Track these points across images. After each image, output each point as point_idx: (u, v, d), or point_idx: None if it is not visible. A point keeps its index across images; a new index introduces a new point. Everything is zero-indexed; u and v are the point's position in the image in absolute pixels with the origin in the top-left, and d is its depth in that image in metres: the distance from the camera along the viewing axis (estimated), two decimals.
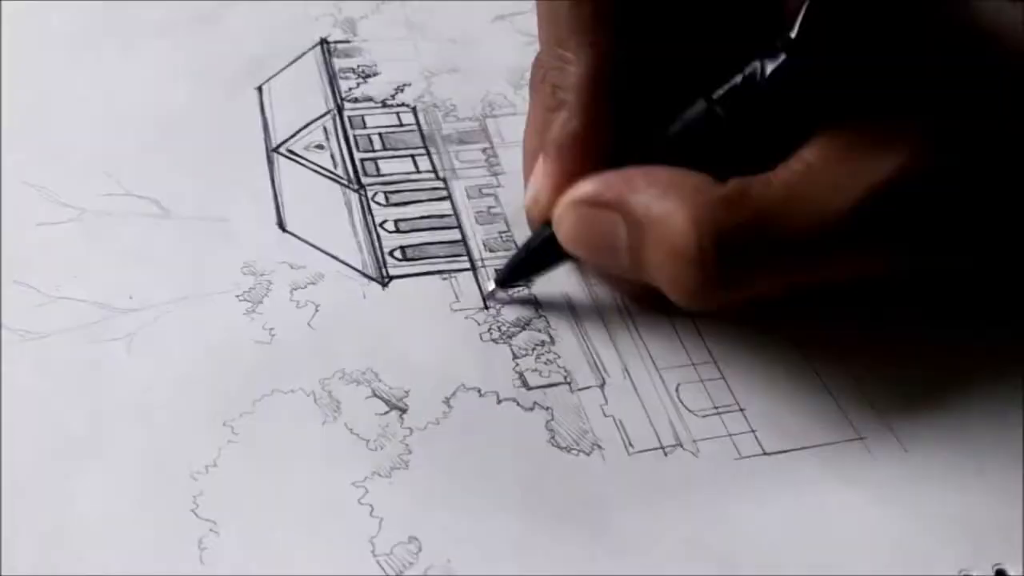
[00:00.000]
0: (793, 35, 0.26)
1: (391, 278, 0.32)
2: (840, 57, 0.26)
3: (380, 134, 0.37)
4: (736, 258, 0.26)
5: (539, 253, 0.30)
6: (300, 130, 0.36)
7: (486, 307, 0.31)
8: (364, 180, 0.35)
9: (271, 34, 0.40)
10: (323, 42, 0.40)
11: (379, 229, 0.33)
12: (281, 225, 0.33)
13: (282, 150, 0.36)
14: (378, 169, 0.35)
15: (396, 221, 0.33)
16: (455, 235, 0.33)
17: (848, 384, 0.29)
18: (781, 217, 0.26)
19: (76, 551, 0.25)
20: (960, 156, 0.26)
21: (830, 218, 0.26)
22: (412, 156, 0.36)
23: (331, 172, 0.35)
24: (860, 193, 0.25)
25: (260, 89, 0.38)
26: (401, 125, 0.37)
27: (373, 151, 0.36)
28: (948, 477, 0.27)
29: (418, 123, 0.37)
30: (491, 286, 0.31)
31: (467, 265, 0.32)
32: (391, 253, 0.32)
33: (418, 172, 0.35)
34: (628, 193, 0.27)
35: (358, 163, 0.35)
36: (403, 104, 0.38)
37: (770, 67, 0.26)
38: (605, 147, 0.29)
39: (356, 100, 0.38)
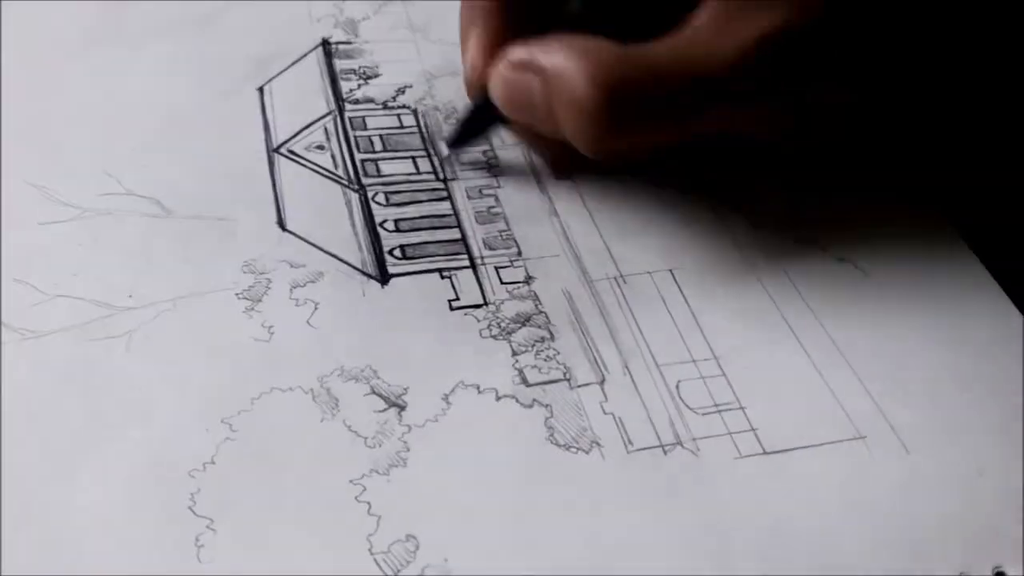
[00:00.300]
0: None
1: (390, 276, 0.31)
2: None
3: (381, 135, 0.37)
4: (625, 108, 0.29)
5: (479, 115, 0.34)
6: (301, 131, 0.36)
7: (444, 178, 0.35)
8: (364, 180, 0.35)
9: (272, 35, 0.40)
10: (324, 43, 0.40)
11: (379, 228, 0.33)
12: (281, 224, 0.33)
13: (283, 150, 0.36)
14: (378, 170, 0.35)
15: (396, 221, 0.33)
16: (455, 234, 0.33)
17: (850, 383, 0.29)
18: (668, 71, 0.29)
19: (74, 548, 0.25)
20: (839, 11, 0.29)
21: (711, 73, 0.29)
22: (413, 157, 0.36)
23: (331, 172, 0.35)
24: (741, 47, 0.29)
25: (261, 90, 0.38)
26: (402, 127, 0.37)
27: (374, 152, 0.36)
28: (949, 477, 0.27)
29: (419, 125, 0.37)
30: (445, 152, 0.36)
31: (467, 263, 0.32)
32: (391, 252, 0.32)
33: (418, 173, 0.35)
34: (542, 55, 0.30)
35: (358, 164, 0.35)
36: (404, 106, 0.38)
37: None
38: (522, 4, 0.32)
39: (357, 101, 0.38)
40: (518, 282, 0.32)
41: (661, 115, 0.29)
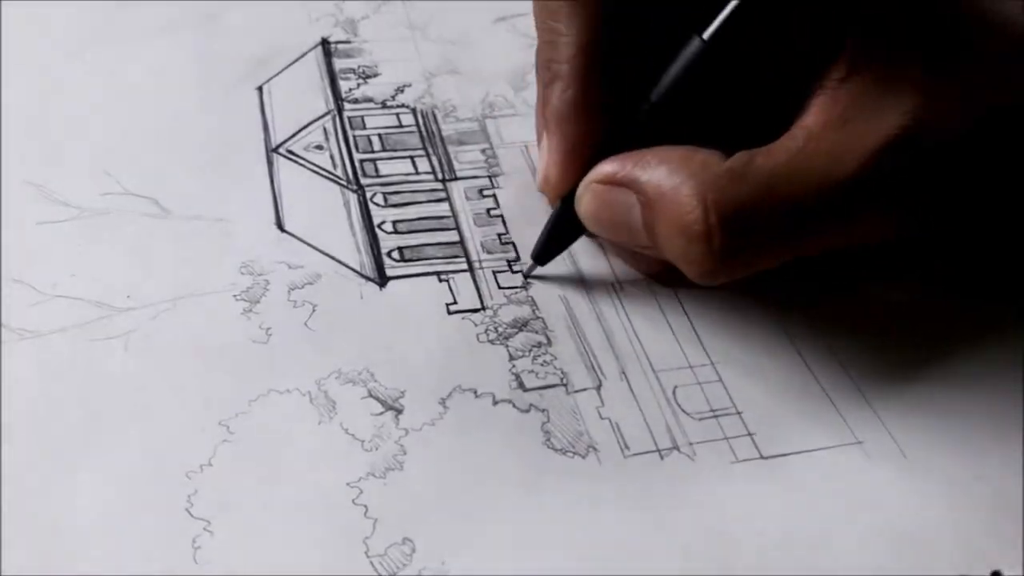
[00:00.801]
0: None
1: (388, 279, 0.31)
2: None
3: (380, 135, 0.37)
4: (742, 232, 0.26)
5: (560, 229, 0.31)
6: (300, 130, 0.36)
7: (525, 286, 0.32)
8: (363, 181, 0.35)
9: (272, 34, 0.40)
10: (324, 42, 0.40)
11: (377, 230, 0.33)
12: (279, 225, 0.33)
13: (282, 150, 0.36)
14: (377, 170, 0.35)
15: (394, 222, 0.33)
16: (453, 236, 0.33)
17: (847, 388, 0.29)
18: (784, 189, 0.26)
19: (71, 549, 0.25)
20: (960, 114, 0.26)
21: (833, 186, 0.26)
22: (411, 157, 0.36)
23: (330, 172, 0.35)
24: (860, 158, 0.26)
25: (260, 89, 0.38)
26: (401, 126, 0.37)
27: (372, 152, 0.36)
28: (946, 482, 0.27)
29: (418, 124, 0.37)
30: (529, 264, 0.32)
31: (464, 266, 0.32)
32: (389, 254, 0.32)
33: (417, 173, 0.35)
34: (640, 172, 0.27)
35: (357, 164, 0.35)
36: (403, 105, 0.38)
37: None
38: (601, 112, 0.29)
39: (356, 101, 0.38)
40: (516, 287, 0.32)
41: (780, 237, 0.26)
